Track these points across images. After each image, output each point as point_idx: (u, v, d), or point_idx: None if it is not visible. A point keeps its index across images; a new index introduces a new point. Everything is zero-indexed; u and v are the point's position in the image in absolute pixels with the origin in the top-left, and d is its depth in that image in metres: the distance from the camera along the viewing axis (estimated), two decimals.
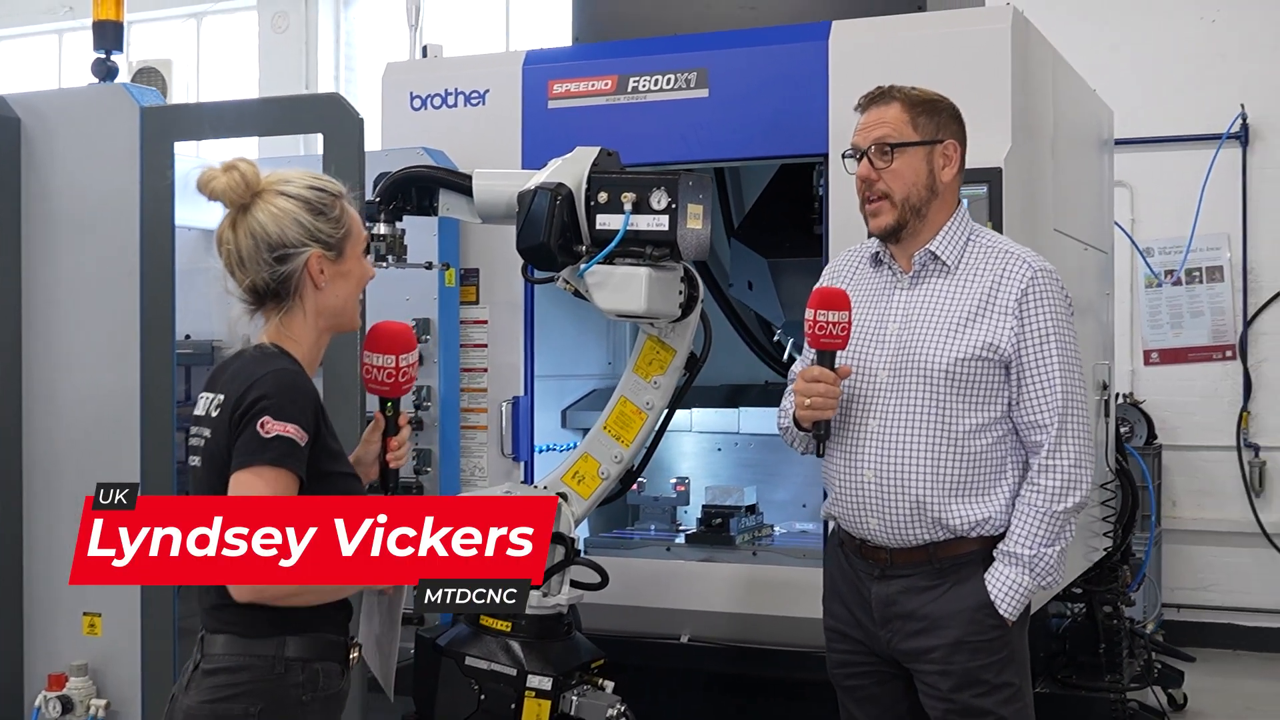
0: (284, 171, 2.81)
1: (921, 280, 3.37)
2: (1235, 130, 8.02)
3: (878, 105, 3.37)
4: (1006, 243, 3.40)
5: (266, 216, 2.74)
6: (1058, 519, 3.22)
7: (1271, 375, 8.09)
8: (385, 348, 3.01)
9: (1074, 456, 3.23)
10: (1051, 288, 3.28)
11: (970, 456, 3.25)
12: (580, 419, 5.30)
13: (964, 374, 3.24)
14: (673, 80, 4.53)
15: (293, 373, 2.71)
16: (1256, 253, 8.10)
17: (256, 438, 2.60)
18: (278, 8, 10.65)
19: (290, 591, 2.59)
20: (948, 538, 3.27)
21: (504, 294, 4.75)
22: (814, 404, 3.25)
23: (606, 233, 3.58)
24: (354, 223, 2.85)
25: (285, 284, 2.76)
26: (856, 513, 3.34)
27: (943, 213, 3.36)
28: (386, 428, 3.08)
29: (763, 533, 5.07)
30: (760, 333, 5.71)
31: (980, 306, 3.26)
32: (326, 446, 2.73)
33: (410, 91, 4.87)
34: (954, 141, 3.35)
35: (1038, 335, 3.24)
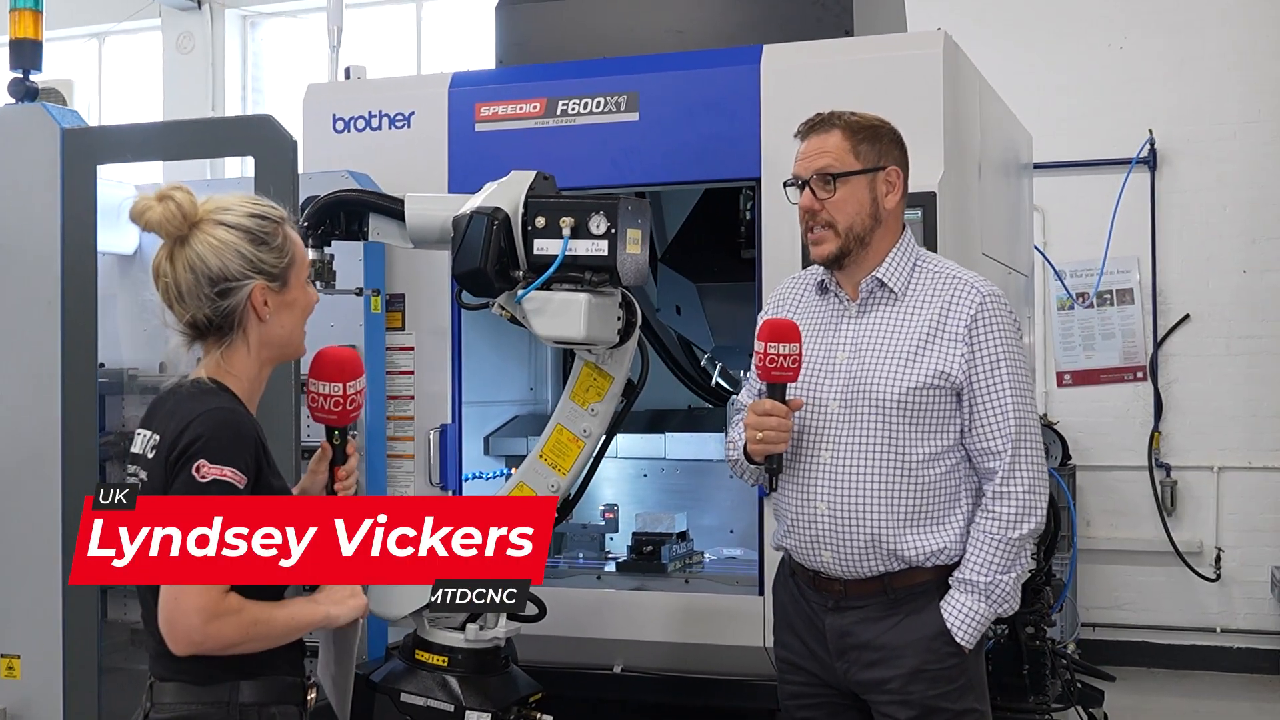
0: (222, 198, 2.71)
1: (869, 308, 3.33)
2: (1144, 155, 8.15)
3: (818, 133, 3.34)
4: (953, 268, 3.37)
5: (206, 249, 2.63)
6: (1013, 545, 3.19)
7: (1181, 396, 8.22)
8: (332, 375, 2.92)
9: (1028, 482, 3.20)
10: (1000, 313, 3.25)
11: (924, 486, 3.22)
12: (503, 445, 5.23)
13: (916, 403, 3.20)
14: (603, 103, 4.47)
15: (230, 411, 2.60)
16: (1165, 275, 8.23)
17: (192, 482, 2.50)
18: (182, 28, 10.45)
19: (230, 643, 2.50)
20: (902, 568, 3.23)
21: (430, 320, 4.66)
22: (766, 438, 3.20)
23: (544, 258, 3.52)
24: (297, 249, 2.76)
25: (228, 318, 2.66)
26: (810, 545, 3.30)
27: (887, 239, 3.33)
28: (334, 457, 2.99)
29: (694, 560, 5.01)
30: (684, 357, 5.67)
31: (930, 334, 3.23)
32: (269, 485, 2.62)
33: (333, 113, 4.77)
34: (896, 168, 3.32)
35: (988, 361, 3.21)
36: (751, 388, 3.54)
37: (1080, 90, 8.24)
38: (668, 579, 4.74)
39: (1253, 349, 8.09)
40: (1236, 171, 8.11)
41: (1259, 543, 8.05)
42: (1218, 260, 8.16)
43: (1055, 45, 8.29)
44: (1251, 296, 8.10)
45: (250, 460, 2.56)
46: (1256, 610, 8.06)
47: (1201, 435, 8.17)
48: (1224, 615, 8.13)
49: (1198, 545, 8.14)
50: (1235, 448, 8.12)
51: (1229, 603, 8.12)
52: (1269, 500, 8.05)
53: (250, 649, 2.56)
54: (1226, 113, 8.13)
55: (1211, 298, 8.16)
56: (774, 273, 4.28)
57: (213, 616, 2.47)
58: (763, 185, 4.31)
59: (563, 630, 4.29)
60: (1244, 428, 8.10)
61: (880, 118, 3.38)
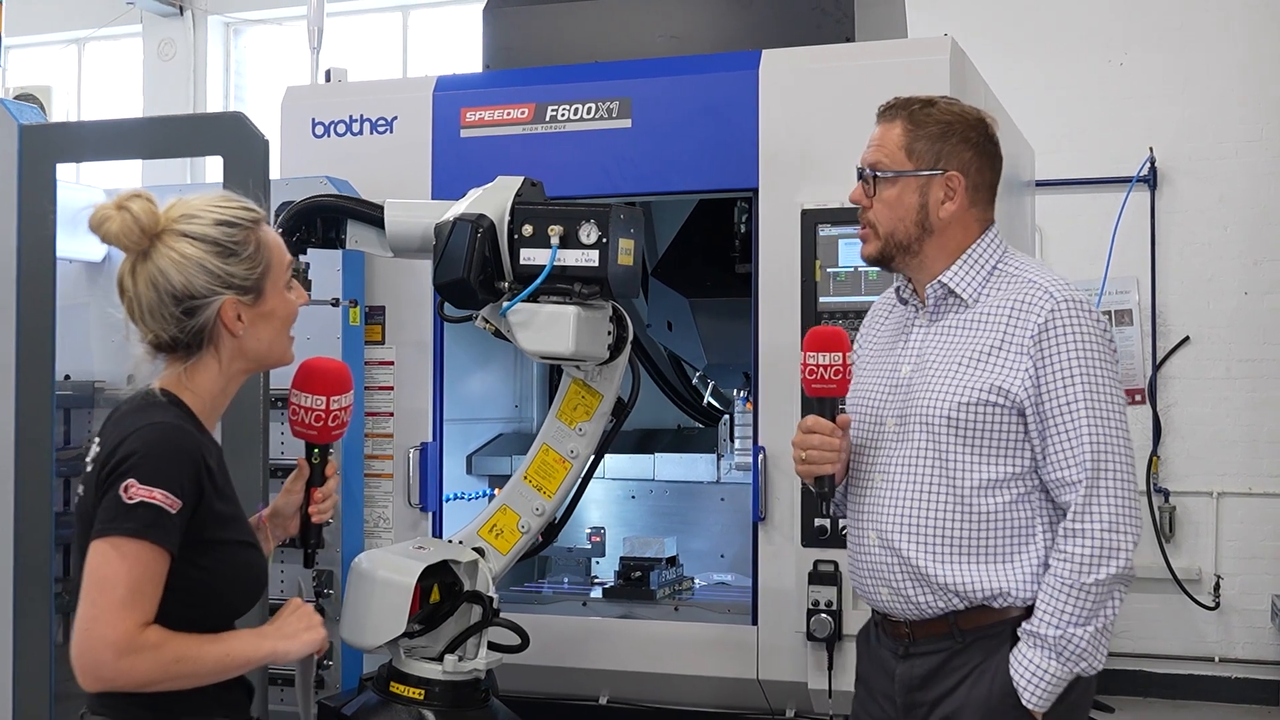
0: (188, 202, 2.49)
1: (939, 317, 2.96)
2: (1144, 173, 7.99)
3: (885, 120, 2.99)
4: (1033, 270, 2.93)
5: (168, 264, 2.42)
6: (1088, 592, 2.74)
7: (1180, 419, 8.05)
8: (316, 387, 2.71)
9: (1108, 518, 2.75)
10: (1077, 321, 2.81)
11: (980, 518, 2.83)
12: (487, 465, 5.04)
13: (968, 422, 2.83)
14: (594, 109, 4.30)
15: (169, 428, 2.39)
16: (1165, 296, 8.07)
17: (118, 503, 2.30)
18: (164, 34, 10.26)
19: (147, 681, 2.30)
20: (967, 606, 2.85)
21: (412, 333, 4.47)
22: (810, 458, 2.92)
23: (531, 268, 3.33)
24: (273, 253, 2.54)
25: (196, 336, 2.46)
26: (868, 582, 2.98)
27: (949, 245, 2.94)
28: (311, 477, 2.77)
29: (683, 586, 4.82)
30: (674, 375, 5.49)
31: (994, 345, 2.85)
32: (214, 511, 2.41)
33: (312, 117, 4.58)
34: (958, 174, 2.91)
35: (1061, 377, 2.78)
36: None
37: (1080, 107, 8.08)
38: (656, 606, 4.56)
39: (1254, 372, 7.93)
40: (1238, 191, 7.96)
41: (1259, 570, 7.88)
42: (1219, 281, 8.00)
43: (1055, 61, 8.13)
44: (1253, 319, 7.94)
45: (189, 483, 2.35)
46: (1256, 640, 7.88)
47: (1201, 460, 8.01)
48: (1223, 645, 7.95)
49: (1196, 572, 7.97)
50: (1235, 473, 7.95)
51: (1228, 632, 7.94)
52: (1269, 527, 7.88)
53: (174, 688, 2.35)
54: (1229, 132, 7.98)
55: (1212, 320, 8.00)
56: (771, 288, 4.11)
57: (127, 651, 2.27)
58: (760, 196, 4.13)
59: (546, 660, 4.11)
60: (1244, 453, 7.93)
61: (964, 111, 3.00)
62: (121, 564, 2.27)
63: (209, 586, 2.41)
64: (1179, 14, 8.05)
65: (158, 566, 2.31)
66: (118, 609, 2.26)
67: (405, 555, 3.42)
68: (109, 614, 2.26)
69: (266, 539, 2.74)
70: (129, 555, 2.28)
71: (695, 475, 5.07)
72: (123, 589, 2.27)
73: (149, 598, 2.30)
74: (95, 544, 2.30)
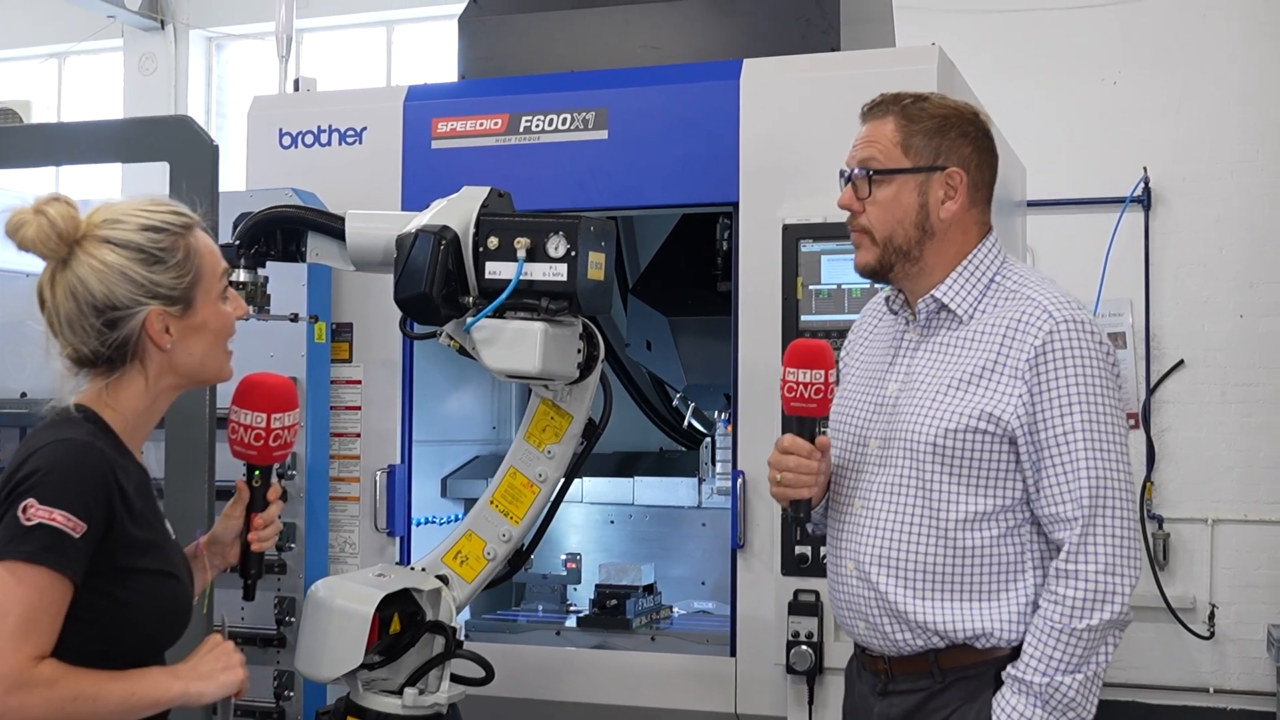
0: (113, 206, 2.33)
1: (931, 332, 2.76)
2: (1138, 194, 7.87)
3: (874, 117, 2.78)
4: (1032, 285, 2.71)
5: (88, 272, 2.26)
6: (1079, 638, 2.54)
7: (1175, 444, 7.91)
8: (257, 403, 2.53)
9: (1104, 560, 2.53)
10: (1079, 344, 2.60)
11: (963, 552, 2.64)
12: (462, 488, 4.88)
13: (954, 449, 2.63)
14: (569, 120, 4.15)
15: (77, 445, 2.21)
16: (1159, 318, 7.93)
17: (15, 524, 2.12)
18: (145, 49, 10.13)
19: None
20: (948, 646, 2.66)
21: (380, 351, 4.32)
22: (785, 480, 2.73)
23: (497, 282, 3.16)
24: (204, 262, 2.37)
25: (119, 350, 2.29)
26: (846, 613, 2.80)
27: (948, 250, 2.73)
28: (251, 501, 2.60)
29: (661, 615, 4.65)
30: (654, 396, 5.33)
31: (985, 367, 2.64)
32: (127, 536, 2.23)
33: (280, 128, 4.44)
34: (959, 170, 2.71)
35: (1057, 405, 2.58)
36: None
37: (1073, 126, 7.97)
38: (632, 636, 4.39)
39: (1249, 397, 7.79)
40: (1234, 213, 7.84)
41: (1254, 599, 7.73)
42: (1213, 304, 7.87)
43: (1049, 80, 8.01)
44: (1248, 342, 7.81)
45: (96, 505, 2.17)
46: (1251, 670, 7.72)
47: (1195, 486, 7.86)
48: (1217, 675, 7.80)
49: (1191, 601, 7.82)
50: (1230, 500, 7.81)
51: (1223, 662, 7.79)
52: (1265, 555, 7.73)
53: None
54: (1223, 152, 7.86)
55: (1207, 343, 7.87)
56: (751, 307, 3.96)
57: (16, 687, 2.09)
58: (741, 210, 3.98)
59: (516, 692, 3.96)
60: (1239, 479, 7.79)
61: (959, 106, 2.79)
62: (15, 591, 2.10)
63: (123, 618, 2.24)
64: (1173, 34, 7.94)
65: (56, 595, 2.14)
66: (8, 640, 2.09)
67: (364, 583, 3.25)
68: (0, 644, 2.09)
69: (204, 569, 2.57)
70: (24, 581, 2.11)
71: (676, 500, 4.91)
72: (15, 618, 2.09)
73: (45, 629, 2.13)
74: None
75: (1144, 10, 7.98)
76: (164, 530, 2.36)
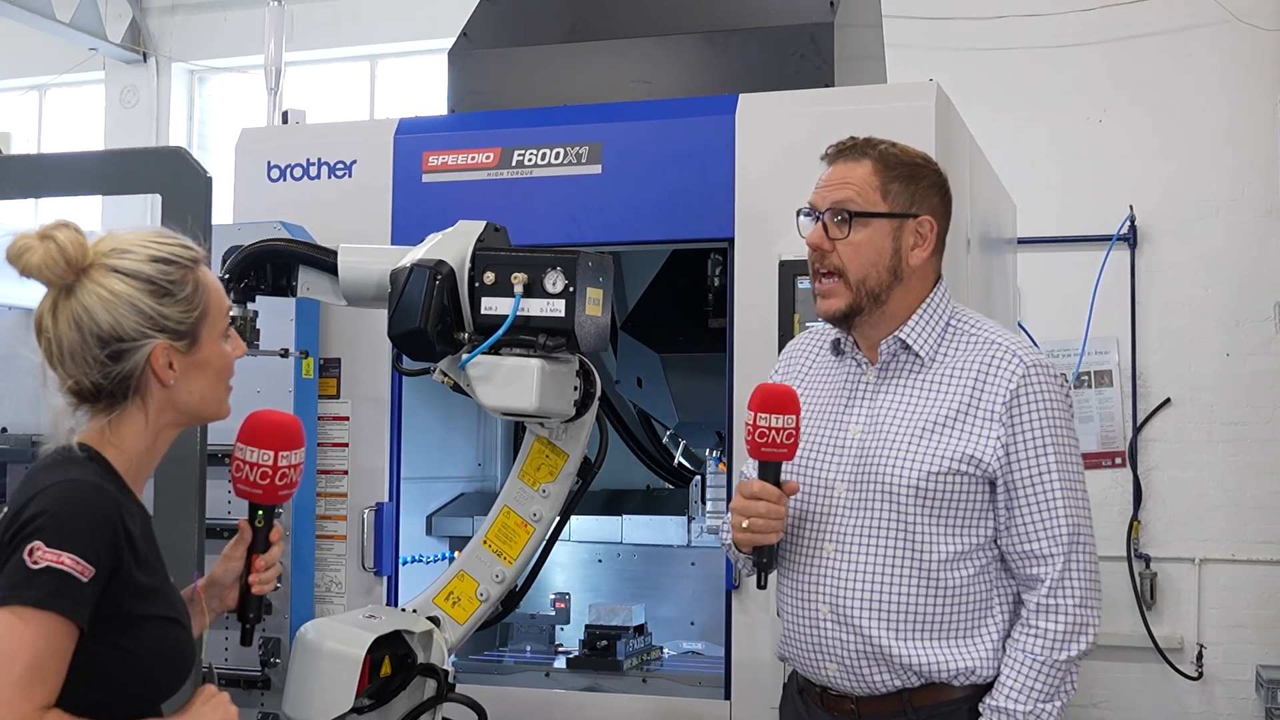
0: (120, 237, 2.26)
1: (890, 375, 2.83)
2: (1124, 232, 7.86)
3: (846, 159, 2.82)
4: (993, 330, 2.83)
5: (95, 302, 2.19)
6: (1059, 669, 2.66)
7: (1161, 483, 7.87)
8: (264, 440, 2.45)
9: (1081, 594, 2.67)
10: (1048, 388, 2.73)
11: (946, 592, 2.71)
12: (447, 525, 4.81)
13: (937, 492, 2.70)
14: (562, 154, 4.11)
15: (84, 485, 2.14)
16: (1146, 357, 7.90)
17: (22, 568, 2.04)
18: (127, 81, 10.06)
19: None
20: (923, 684, 2.73)
21: (368, 388, 4.25)
22: (753, 525, 2.71)
23: (493, 318, 3.12)
24: (211, 299, 2.32)
25: (121, 384, 2.22)
26: (812, 655, 2.80)
27: (910, 296, 2.82)
28: (253, 542, 2.52)
29: (652, 656, 4.59)
30: (642, 433, 5.27)
31: (960, 410, 2.72)
32: (133, 582, 2.16)
33: (268, 160, 4.38)
34: (930, 219, 2.80)
35: (1032, 447, 2.68)
36: (752, 464, 3.09)
37: (1059, 164, 7.93)
38: (623, 678, 4.33)
39: (1236, 435, 7.75)
40: (1220, 251, 7.82)
41: (1242, 639, 7.67)
42: (1200, 342, 7.84)
43: (1035, 117, 8.00)
44: (1235, 380, 7.77)
45: (105, 547, 2.10)
46: (1239, 711, 7.65)
47: (1182, 525, 7.80)
48: (1205, 716, 7.72)
49: (1178, 641, 7.75)
50: (1217, 539, 7.76)
51: (1211, 703, 7.72)
52: (1253, 594, 7.67)
53: None
54: (1210, 191, 7.84)
55: (1193, 381, 7.83)
56: (747, 344, 3.92)
57: None
58: (736, 246, 3.94)
59: None
60: (1226, 518, 7.74)
61: (926, 156, 2.89)
62: (22, 636, 2.01)
63: (128, 668, 2.16)
64: (1159, 72, 7.94)
65: (64, 641, 2.06)
66: (14, 688, 2.00)
67: (355, 625, 3.18)
68: (6, 694, 1.99)
69: (201, 612, 2.49)
70: (31, 627, 2.02)
71: (665, 538, 4.85)
72: (21, 666, 2.01)
73: (51, 677, 2.04)
74: None
75: (1130, 50, 7.98)
76: (165, 574, 2.28)
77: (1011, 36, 8.06)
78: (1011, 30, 8.07)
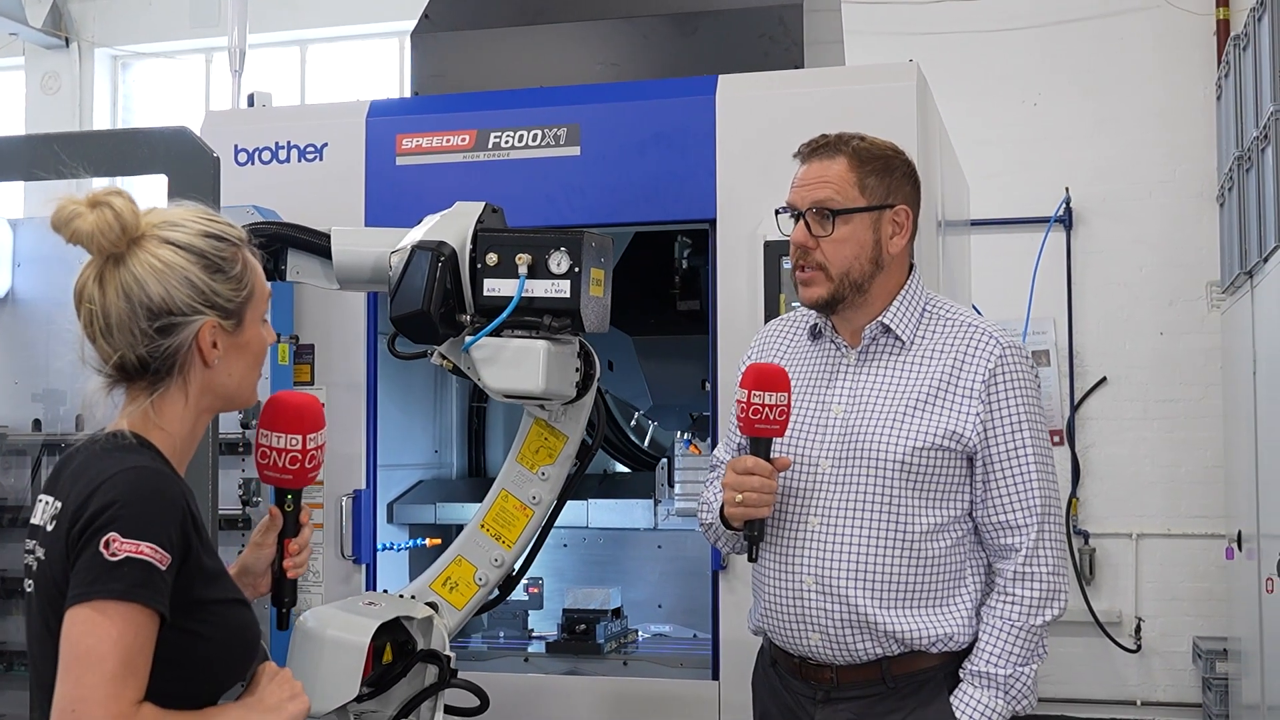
0: (169, 211, 2.20)
1: (871, 357, 2.92)
2: (1061, 214, 7.97)
3: (821, 157, 2.91)
4: (967, 314, 2.96)
5: (147, 272, 2.12)
6: (1034, 634, 2.79)
7: (1099, 460, 8.01)
8: (290, 425, 2.40)
9: (1053, 562, 2.82)
10: (1022, 368, 2.86)
11: (927, 561, 2.82)
12: (408, 513, 4.75)
13: (921, 466, 2.80)
14: (540, 136, 4.07)
15: (151, 472, 2.08)
16: (1082, 336, 8.04)
17: (100, 561, 1.97)
18: (47, 67, 9.83)
19: None
20: (902, 652, 2.82)
21: (343, 374, 4.19)
22: (747, 500, 2.78)
23: (496, 299, 3.09)
24: (258, 280, 2.27)
25: (166, 360, 2.15)
26: (794, 626, 2.87)
27: (890, 282, 2.92)
28: (285, 527, 2.47)
29: (628, 639, 4.58)
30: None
31: (940, 389, 2.84)
32: (202, 567, 2.10)
33: (235, 144, 4.29)
34: (906, 207, 2.91)
35: (1009, 423, 2.81)
36: (730, 442, 3.12)
37: (998, 147, 8.04)
38: (603, 661, 4.31)
39: (1170, 413, 7.93)
40: (1153, 232, 7.98)
41: (1179, 612, 7.85)
42: (1135, 322, 8.00)
43: (974, 101, 8.08)
44: (1169, 359, 7.95)
45: (177, 535, 2.05)
46: (1177, 682, 7.84)
47: (1119, 501, 7.97)
48: (1144, 687, 7.90)
49: (1117, 615, 7.92)
50: (1154, 514, 7.93)
51: (1149, 674, 7.90)
52: (1188, 568, 7.85)
53: None
54: (1143, 173, 8.00)
55: (1129, 360, 8.00)
56: (729, 325, 3.91)
57: None
58: (718, 227, 3.94)
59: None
60: (1162, 494, 7.92)
61: (895, 146, 2.97)
62: (109, 632, 1.95)
63: (201, 655, 2.10)
64: (1093, 56, 8.08)
65: (149, 632, 2.00)
66: (109, 685, 1.94)
67: (356, 612, 3.13)
68: (99, 692, 1.93)
69: None
70: (118, 620, 1.96)
71: (631, 522, 4.84)
72: (113, 662, 1.94)
73: (142, 670, 1.99)
74: (75, 610, 1.97)
75: (1065, 34, 8.11)
76: (219, 558, 2.24)
77: (948, 21, 8.15)
78: (948, 14, 8.16)
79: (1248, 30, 6.24)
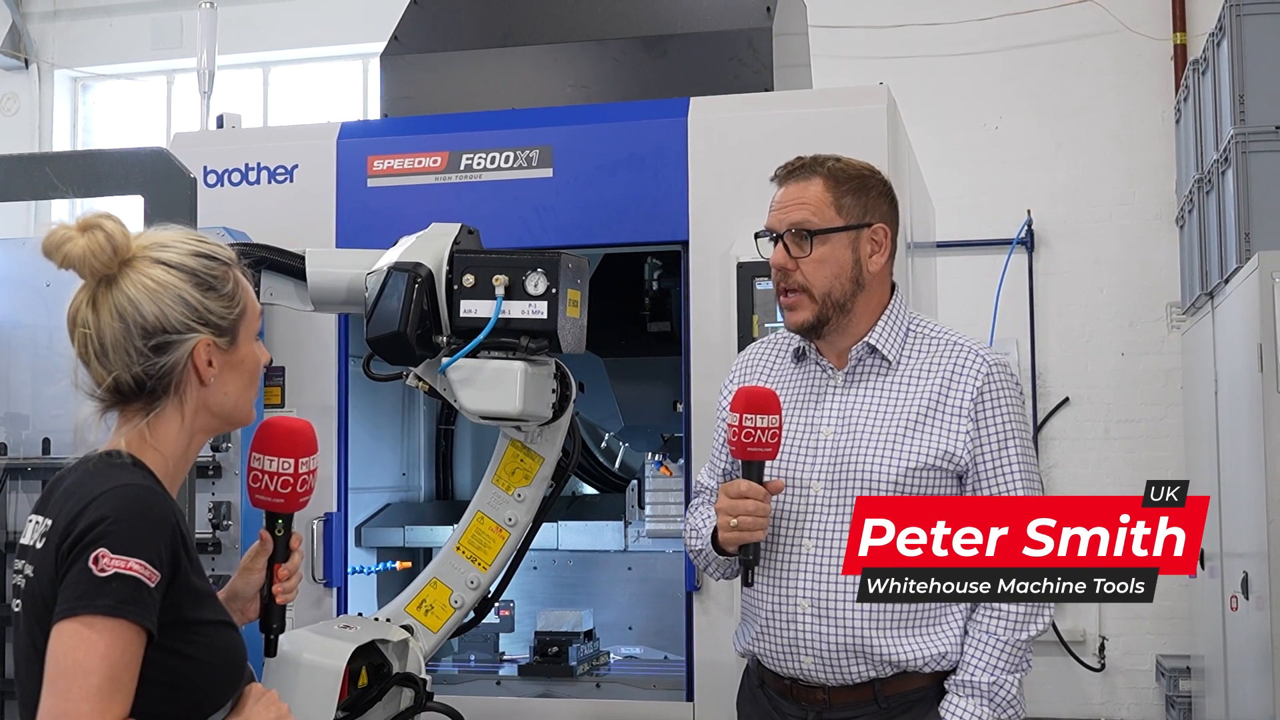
0: (158, 233, 2.22)
1: (858, 378, 2.94)
2: (1022, 236, 8.04)
3: (797, 180, 2.93)
4: (952, 333, 2.98)
5: (141, 292, 2.13)
6: (1019, 648, 2.81)
7: (1062, 480, 8.06)
8: (283, 448, 2.38)
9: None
10: (1007, 385, 2.89)
11: None
12: (375, 536, 4.72)
13: (914, 487, 2.82)
14: (512, 158, 4.07)
15: (144, 490, 2.08)
16: (1045, 357, 8.11)
17: (88, 577, 1.97)
18: (7, 89, 9.77)
19: None
20: (895, 674, 2.83)
21: (314, 396, 4.16)
22: (742, 524, 2.77)
23: (472, 321, 3.09)
24: (249, 298, 2.28)
25: (162, 380, 2.15)
26: (787, 650, 2.87)
27: (872, 302, 2.94)
28: (275, 552, 2.45)
29: (600, 661, 4.57)
30: None
31: (930, 408, 2.85)
32: (190, 587, 2.09)
33: (205, 165, 4.26)
34: (884, 226, 2.93)
35: (996, 440, 2.83)
36: (716, 466, 3.12)
37: (959, 170, 8.10)
38: (576, 683, 4.29)
39: (1132, 433, 7.99)
40: (1113, 254, 8.06)
41: (1142, 631, 7.90)
42: (1096, 342, 8.07)
43: (936, 124, 8.12)
44: (1130, 379, 8.02)
45: (165, 552, 2.04)
46: (1140, 700, 7.89)
47: None
48: (1108, 705, 7.95)
49: (1081, 634, 7.96)
50: None
51: (1113, 693, 7.94)
52: None
53: None
54: (1102, 195, 8.09)
55: (1091, 380, 8.07)
56: (702, 348, 3.92)
57: None
58: (691, 248, 3.95)
59: None
60: None
61: (870, 166, 3.00)
62: (96, 647, 1.94)
63: (187, 677, 2.09)
64: (1053, 80, 8.16)
65: (137, 649, 1.99)
66: (95, 700, 1.93)
67: (331, 636, 3.12)
68: (84, 706, 1.92)
69: None
70: (105, 636, 1.95)
71: (601, 544, 4.84)
72: (99, 677, 1.94)
73: (128, 687, 1.98)
74: (62, 625, 1.96)
75: (1025, 59, 8.19)
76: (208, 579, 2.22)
77: (911, 45, 8.22)
78: (911, 39, 8.22)
79: (1207, 55, 6.32)
